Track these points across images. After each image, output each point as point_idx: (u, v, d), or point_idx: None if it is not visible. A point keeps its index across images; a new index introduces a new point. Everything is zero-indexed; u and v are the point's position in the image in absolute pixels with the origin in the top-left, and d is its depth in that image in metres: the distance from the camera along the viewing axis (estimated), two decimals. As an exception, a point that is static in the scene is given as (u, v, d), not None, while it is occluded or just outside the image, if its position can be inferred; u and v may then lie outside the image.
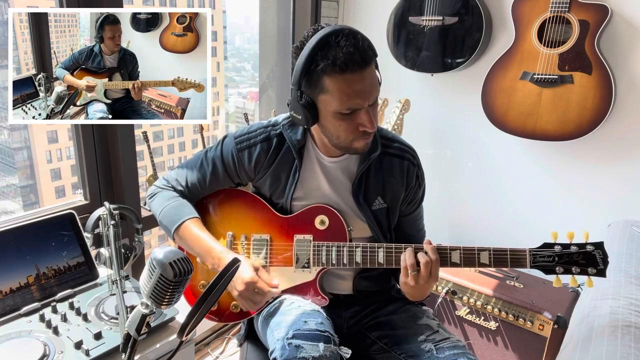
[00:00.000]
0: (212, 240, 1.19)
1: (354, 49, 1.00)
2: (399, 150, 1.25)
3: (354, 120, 1.08)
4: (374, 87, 1.07)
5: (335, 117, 1.08)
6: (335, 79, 1.02)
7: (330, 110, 1.07)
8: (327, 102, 1.06)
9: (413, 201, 1.30)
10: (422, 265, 1.08)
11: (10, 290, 1.17)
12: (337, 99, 1.04)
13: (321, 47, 1.01)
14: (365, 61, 1.02)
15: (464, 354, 1.12)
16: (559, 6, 1.79)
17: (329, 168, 1.23)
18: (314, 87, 1.06)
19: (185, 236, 1.20)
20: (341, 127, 1.09)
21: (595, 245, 1.06)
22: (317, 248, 1.21)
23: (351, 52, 1.00)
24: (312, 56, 1.02)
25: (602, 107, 1.80)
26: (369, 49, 1.03)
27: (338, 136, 1.12)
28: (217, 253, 1.17)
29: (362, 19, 2.45)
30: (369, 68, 1.04)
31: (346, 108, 1.06)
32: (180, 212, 1.22)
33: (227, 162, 1.25)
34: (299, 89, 1.07)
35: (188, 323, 0.81)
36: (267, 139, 1.23)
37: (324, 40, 1.01)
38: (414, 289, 1.12)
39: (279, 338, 1.06)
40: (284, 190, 1.24)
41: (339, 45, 1.00)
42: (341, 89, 1.03)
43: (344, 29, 1.02)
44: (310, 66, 1.03)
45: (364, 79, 1.03)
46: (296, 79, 1.06)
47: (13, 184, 8.34)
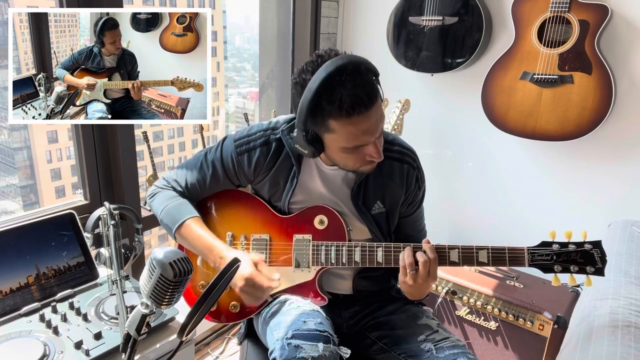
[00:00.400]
0: (213, 239, 1.19)
1: (359, 89, 0.98)
2: (399, 153, 1.25)
3: (361, 152, 1.09)
4: (380, 122, 1.07)
5: (342, 152, 1.09)
6: (341, 122, 1.02)
7: (337, 146, 1.08)
8: (333, 140, 1.07)
9: (413, 203, 1.31)
10: (420, 264, 1.08)
11: (10, 290, 1.17)
12: (344, 139, 1.05)
13: (324, 91, 0.99)
14: (371, 100, 1.01)
15: (464, 353, 1.12)
16: (559, 6, 1.79)
17: (327, 174, 1.24)
18: (319, 126, 1.06)
19: (187, 235, 1.20)
20: (348, 159, 1.11)
21: (594, 244, 1.06)
22: (316, 248, 1.21)
23: (357, 94, 0.98)
24: (316, 100, 1.00)
25: (602, 107, 1.80)
26: (374, 84, 1.02)
27: (345, 165, 1.14)
28: (218, 251, 1.17)
29: (362, 19, 2.45)
30: (375, 104, 1.03)
31: (354, 146, 1.07)
32: (181, 211, 1.22)
33: (226, 165, 1.25)
34: (304, 130, 1.06)
35: (188, 323, 0.81)
36: (266, 143, 1.22)
37: (327, 82, 0.98)
38: (413, 288, 1.12)
39: (278, 338, 1.06)
40: (282, 194, 1.24)
41: (343, 87, 0.98)
42: (348, 130, 1.03)
43: (347, 66, 0.98)
44: (315, 110, 1.01)
45: (370, 117, 1.02)
46: (301, 121, 1.04)
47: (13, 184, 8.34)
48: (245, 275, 1.12)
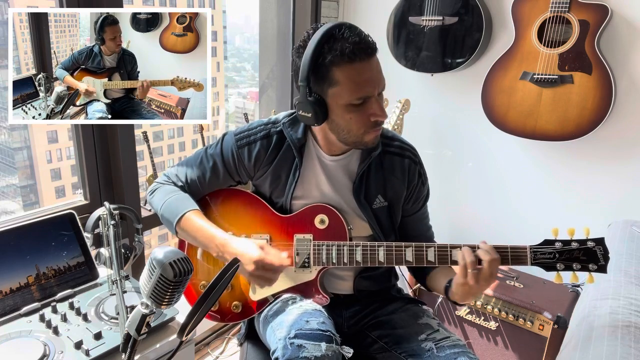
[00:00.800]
0: (214, 228, 1.18)
1: (359, 38, 1.03)
2: (400, 148, 1.25)
3: (365, 111, 1.08)
4: (381, 75, 1.09)
5: (346, 110, 1.08)
6: (344, 69, 1.04)
7: (341, 103, 1.08)
8: (337, 95, 1.07)
9: (418, 199, 1.30)
10: (485, 262, 1.03)
11: (10, 290, 1.17)
12: (347, 89, 1.06)
13: (327, 40, 1.03)
14: (371, 49, 1.05)
15: (464, 352, 1.12)
16: (559, 6, 1.79)
17: (329, 167, 1.23)
18: (322, 82, 1.07)
19: (188, 228, 1.19)
20: (352, 119, 1.09)
21: (596, 241, 1.05)
22: (317, 247, 1.21)
23: (357, 42, 1.02)
24: (319, 50, 1.03)
25: (602, 107, 1.80)
26: (372, 40, 1.07)
27: (349, 130, 1.11)
28: (220, 240, 1.15)
29: (362, 19, 2.45)
30: (375, 57, 1.07)
31: (357, 97, 1.06)
32: (181, 205, 1.22)
33: (227, 159, 1.25)
34: (308, 85, 1.07)
35: (188, 323, 0.81)
36: (267, 136, 1.23)
37: (328, 33, 1.03)
38: (473, 289, 1.07)
39: (280, 338, 1.06)
40: (283, 188, 1.24)
41: (344, 37, 1.02)
42: (351, 78, 1.04)
43: (345, 23, 1.05)
44: (318, 60, 1.04)
45: (372, 67, 1.06)
46: (304, 75, 1.06)
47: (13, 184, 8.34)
48: (254, 258, 1.10)
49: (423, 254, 1.14)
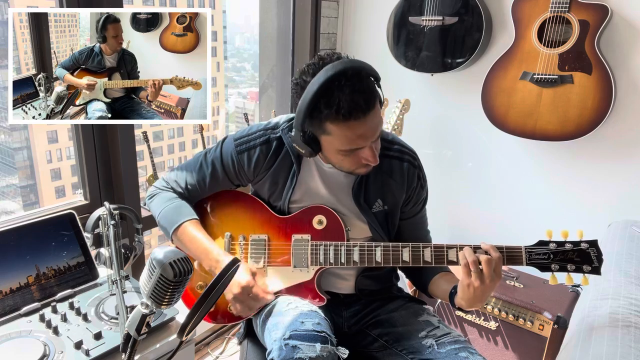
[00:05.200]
0: (209, 242, 1.19)
1: (357, 94, 0.98)
2: (399, 152, 1.25)
3: (357, 155, 1.09)
4: (377, 127, 1.07)
5: (338, 154, 1.09)
6: (338, 126, 1.02)
7: (333, 148, 1.08)
8: (329, 142, 1.08)
9: (417, 202, 1.30)
10: (483, 263, 1.02)
11: (10, 290, 1.17)
12: (340, 142, 1.06)
13: (323, 94, 0.99)
14: (369, 106, 1.01)
15: (465, 348, 1.13)
16: (559, 6, 1.79)
17: (327, 173, 1.24)
18: (316, 127, 1.06)
19: (183, 238, 1.20)
20: (344, 161, 1.11)
21: (590, 243, 1.06)
22: (315, 248, 1.21)
23: (355, 100, 0.98)
24: (314, 102, 1.00)
25: (602, 107, 1.80)
26: (373, 90, 1.02)
27: (341, 166, 1.15)
28: (214, 255, 1.17)
29: (362, 19, 2.45)
30: (373, 110, 1.03)
31: (349, 149, 1.07)
32: (179, 214, 1.22)
33: (226, 164, 1.25)
34: (302, 130, 1.07)
35: (188, 323, 0.81)
36: (266, 142, 1.23)
37: (326, 85, 0.98)
38: (478, 291, 1.04)
39: (276, 339, 1.06)
40: (281, 193, 1.24)
41: (342, 91, 0.98)
42: (345, 134, 1.04)
43: (347, 70, 0.98)
44: (313, 112, 1.02)
45: (367, 123, 1.03)
46: (299, 122, 1.05)
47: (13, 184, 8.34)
48: (242, 284, 1.13)
49: (420, 254, 1.14)
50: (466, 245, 1.09)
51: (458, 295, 1.10)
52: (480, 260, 1.03)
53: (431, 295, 1.28)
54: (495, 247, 1.08)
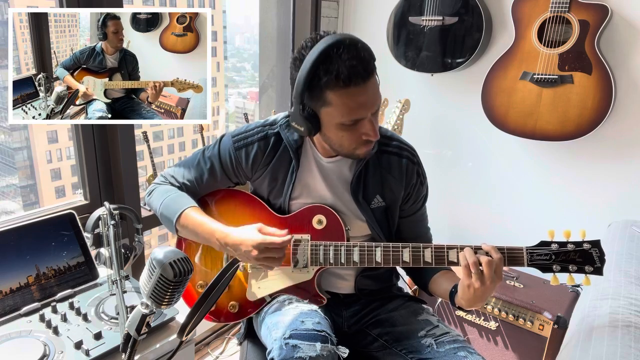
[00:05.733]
0: (214, 223, 1.18)
1: (356, 61, 0.99)
2: (398, 148, 1.25)
3: (357, 129, 1.08)
4: (376, 97, 1.07)
5: (338, 128, 1.08)
6: (338, 93, 1.02)
7: (333, 122, 1.07)
8: (330, 114, 1.06)
9: (417, 199, 1.30)
10: (484, 264, 1.02)
11: (10, 290, 1.17)
12: (340, 112, 1.04)
13: (323, 61, 1.00)
14: (368, 73, 1.02)
15: (464, 347, 1.13)
16: (559, 6, 1.79)
17: (326, 168, 1.23)
18: (316, 100, 1.05)
19: (187, 224, 1.19)
20: (344, 137, 1.10)
21: (592, 243, 1.06)
22: (315, 248, 1.21)
23: (354, 65, 0.99)
24: (313, 70, 1.01)
25: (602, 107, 1.80)
26: (370, 59, 1.03)
27: (341, 145, 1.12)
28: (220, 233, 1.15)
29: (362, 19, 2.45)
30: (372, 79, 1.04)
31: (349, 120, 1.06)
32: (180, 203, 1.21)
33: (224, 160, 1.25)
34: (301, 102, 1.06)
35: (188, 323, 0.81)
36: (264, 137, 1.23)
37: (325, 53, 1.00)
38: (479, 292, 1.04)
39: (276, 338, 1.06)
40: (281, 189, 1.24)
41: (340, 58, 0.99)
42: (345, 102, 1.03)
43: (345, 40, 1.00)
44: (313, 80, 1.02)
45: (367, 90, 1.03)
46: (298, 93, 1.05)
47: (13, 184, 8.35)
48: (255, 242, 1.09)
49: (420, 255, 1.14)
50: (467, 246, 1.09)
51: (458, 295, 1.10)
52: (481, 262, 1.03)
53: (432, 293, 1.28)
54: (496, 248, 1.08)
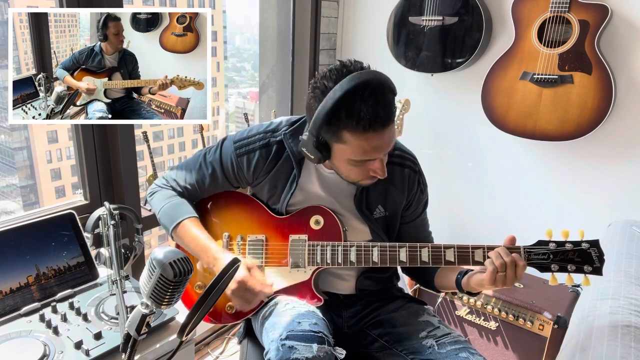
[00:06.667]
0: (208, 240, 1.19)
1: (380, 107, 0.98)
2: (400, 158, 1.25)
3: (366, 166, 1.09)
4: (391, 141, 1.08)
5: (348, 163, 1.09)
6: (356, 135, 1.01)
7: (345, 157, 1.08)
8: (342, 150, 1.07)
9: (418, 206, 1.31)
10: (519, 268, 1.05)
11: (10, 290, 1.17)
12: (353, 152, 1.05)
13: (346, 102, 0.98)
14: (388, 119, 1.02)
15: (465, 348, 1.13)
16: (559, 6, 1.79)
17: (327, 179, 1.24)
18: (331, 134, 1.05)
19: (183, 235, 1.21)
20: (352, 171, 1.11)
21: (591, 243, 1.05)
22: (312, 248, 1.21)
23: (376, 112, 0.98)
24: (335, 109, 0.99)
25: (602, 107, 1.80)
26: (393, 105, 1.02)
27: (347, 176, 1.14)
28: (213, 253, 1.17)
29: (362, 19, 2.45)
30: (391, 124, 1.04)
31: (361, 160, 1.07)
32: (179, 211, 1.22)
33: (226, 166, 1.25)
34: (316, 136, 1.05)
35: (188, 323, 0.81)
36: (266, 145, 1.22)
37: (350, 94, 0.98)
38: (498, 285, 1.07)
39: (273, 339, 1.06)
40: (280, 197, 1.24)
41: (365, 102, 0.97)
42: (360, 145, 1.03)
43: (372, 82, 0.99)
44: (333, 118, 1.01)
45: (384, 135, 1.03)
46: (315, 126, 1.03)
47: (13, 184, 8.34)
48: (237, 279, 1.12)
49: (417, 254, 1.14)
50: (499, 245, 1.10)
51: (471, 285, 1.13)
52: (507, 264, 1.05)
53: (437, 286, 1.29)
54: (489, 247, 1.10)
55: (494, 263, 1.05)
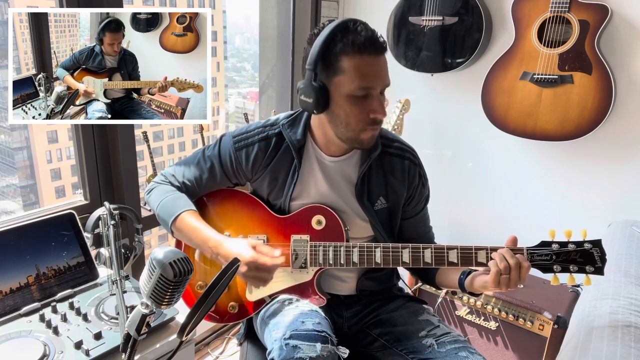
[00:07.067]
0: (208, 230, 1.18)
1: (371, 35, 1.06)
2: (399, 149, 1.25)
3: (365, 105, 1.09)
4: (386, 74, 1.11)
5: (347, 101, 1.08)
6: (353, 58, 1.05)
7: (344, 92, 1.08)
8: (341, 84, 1.07)
9: (420, 201, 1.30)
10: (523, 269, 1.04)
11: (10, 290, 1.17)
12: (352, 78, 1.06)
13: (341, 30, 1.06)
14: (382, 48, 1.08)
15: (465, 347, 1.13)
16: (559, 6, 1.79)
17: (328, 168, 1.23)
18: (329, 69, 1.07)
19: (182, 228, 1.20)
20: (352, 112, 1.09)
21: (593, 243, 1.05)
22: (314, 248, 1.21)
23: (370, 37, 1.05)
24: (331, 37, 1.05)
25: (602, 107, 1.80)
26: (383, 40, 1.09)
27: (347, 123, 1.11)
28: (213, 241, 1.16)
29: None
30: (384, 56, 1.09)
31: (360, 87, 1.07)
32: (177, 205, 1.22)
33: (224, 161, 1.25)
34: (314, 70, 1.07)
35: (188, 323, 0.81)
36: (265, 138, 1.22)
37: (343, 25, 1.06)
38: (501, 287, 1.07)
39: (276, 338, 1.06)
40: (281, 190, 1.24)
41: (357, 30, 1.05)
42: (358, 67, 1.05)
43: (361, 20, 1.08)
44: (329, 47, 1.06)
45: (379, 63, 1.08)
46: (312, 59, 1.06)
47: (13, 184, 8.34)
48: (246, 259, 1.10)
49: (419, 255, 1.14)
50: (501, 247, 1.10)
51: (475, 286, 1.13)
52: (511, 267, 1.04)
53: (438, 284, 1.29)
54: (491, 248, 1.09)
55: (497, 265, 1.05)
